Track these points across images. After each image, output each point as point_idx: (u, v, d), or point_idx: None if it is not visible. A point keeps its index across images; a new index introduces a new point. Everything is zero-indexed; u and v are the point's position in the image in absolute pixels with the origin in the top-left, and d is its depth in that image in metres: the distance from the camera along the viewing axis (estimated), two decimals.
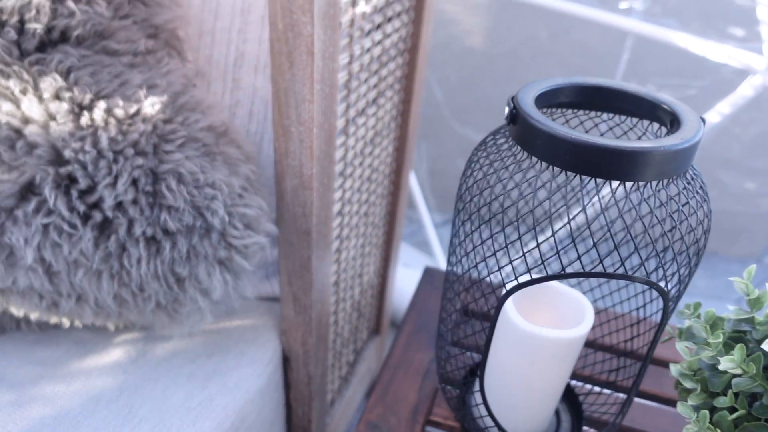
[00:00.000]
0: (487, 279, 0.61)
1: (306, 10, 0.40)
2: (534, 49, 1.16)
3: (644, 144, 0.30)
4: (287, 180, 0.49)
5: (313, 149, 0.47)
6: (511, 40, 1.17)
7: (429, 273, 0.68)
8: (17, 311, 0.51)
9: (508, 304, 0.43)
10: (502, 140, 0.37)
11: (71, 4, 0.45)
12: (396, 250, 0.87)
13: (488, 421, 0.46)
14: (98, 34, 0.46)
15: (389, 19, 0.59)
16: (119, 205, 0.44)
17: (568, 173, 0.32)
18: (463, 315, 0.56)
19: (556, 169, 0.33)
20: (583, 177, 0.32)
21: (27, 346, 0.57)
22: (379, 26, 0.56)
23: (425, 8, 0.66)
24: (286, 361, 0.64)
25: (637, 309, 0.47)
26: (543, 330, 0.41)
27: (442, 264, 1.21)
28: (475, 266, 0.39)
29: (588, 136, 0.30)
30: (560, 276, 0.35)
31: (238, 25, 0.59)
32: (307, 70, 0.43)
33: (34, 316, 0.52)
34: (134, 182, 0.44)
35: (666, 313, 0.36)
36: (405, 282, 1.11)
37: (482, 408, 0.47)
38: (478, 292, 0.57)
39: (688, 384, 0.37)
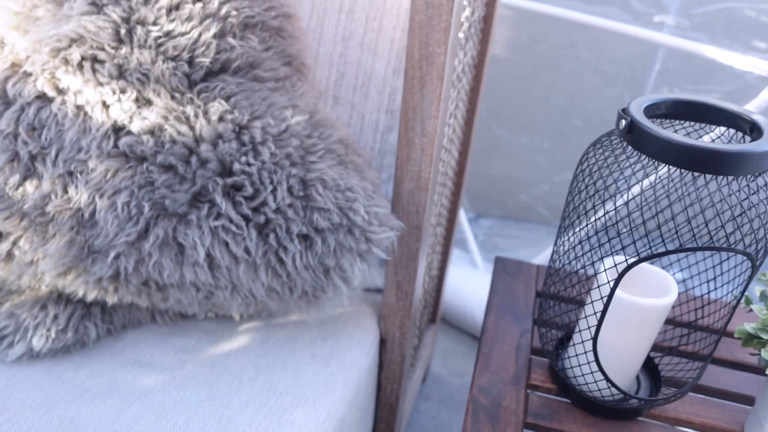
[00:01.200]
0: (582, 270, 0.69)
1: (441, 44, 0.49)
2: (572, 61, 1.27)
3: (744, 147, 0.39)
4: (405, 183, 0.58)
5: (432, 157, 0.56)
6: (548, 51, 1.27)
7: (501, 261, 0.77)
8: (170, 304, 0.59)
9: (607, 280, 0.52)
10: (617, 143, 0.46)
11: (231, 40, 0.53)
12: (452, 247, 0.96)
13: (581, 380, 0.55)
14: (250, 64, 0.54)
15: (466, 40, 0.68)
16: (278, 208, 0.52)
17: (682, 170, 0.41)
18: (557, 299, 0.65)
19: (666, 167, 0.42)
20: (693, 173, 0.41)
21: (164, 337, 0.65)
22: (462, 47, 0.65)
23: (491, 28, 0.75)
24: (381, 343, 0.73)
25: (707, 282, 0.57)
26: (640, 299, 0.50)
27: (477, 258, 1.30)
28: (589, 251, 0.48)
29: (701, 141, 0.39)
30: (666, 253, 0.44)
31: (339, 50, 0.68)
32: (436, 92, 0.52)
33: (183, 308, 0.59)
34: (290, 189, 0.53)
35: (752, 278, 0.45)
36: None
37: (576, 369, 0.56)
38: (575, 278, 0.65)
39: (765, 335, 0.46)
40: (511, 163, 1.41)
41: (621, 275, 0.46)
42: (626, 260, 0.46)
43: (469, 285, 1.22)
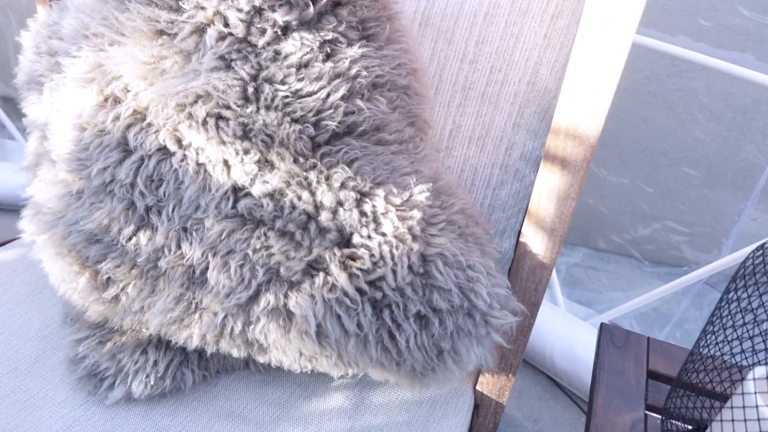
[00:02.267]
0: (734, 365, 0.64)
1: (594, 128, 0.45)
2: (692, 106, 1.18)
3: None
4: (527, 260, 0.54)
5: (563, 238, 0.51)
6: (665, 92, 1.19)
7: (608, 331, 0.72)
8: (269, 361, 0.57)
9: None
10: None
11: (360, 102, 0.50)
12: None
13: None
14: (376, 127, 0.51)
15: None
16: (397, 286, 0.49)
17: None
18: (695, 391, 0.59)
19: None
20: None
21: (257, 387, 0.64)
22: None
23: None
24: (475, 407, 0.69)
25: None
26: None
27: (558, 295, 1.24)
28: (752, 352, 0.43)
29: None
30: None
31: (458, 100, 0.63)
32: (579, 174, 0.47)
33: (280, 363, 0.58)
34: (410, 266, 0.49)
35: None
36: None
37: None
38: (718, 373, 0.59)
39: None
40: (607, 202, 1.33)
41: None
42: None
43: (548, 323, 1.17)
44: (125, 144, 0.52)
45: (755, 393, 0.46)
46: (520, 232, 0.71)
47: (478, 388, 0.67)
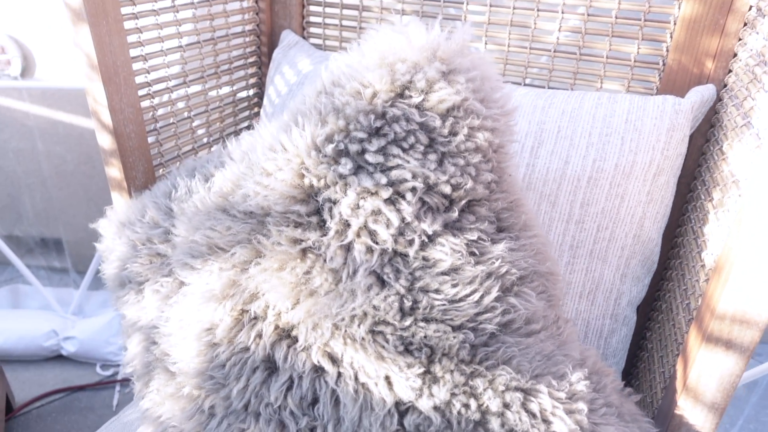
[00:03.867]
0: None
1: (763, 313, 0.45)
2: None
3: None
4: (683, 431, 0.53)
5: (723, 411, 0.51)
6: None
7: None
8: None
9: None
10: None
11: (513, 300, 0.50)
12: None
13: None
14: (527, 320, 0.51)
15: None
16: None
17: None
18: None
19: None
20: None
21: None
22: None
23: None
24: None
25: None
26: None
27: None
28: None
29: None
30: None
31: (566, 259, 0.64)
32: (745, 354, 0.47)
33: None
34: None
35: None
36: None
37: None
38: None
39: None
40: None
41: None
42: None
43: None
44: (268, 362, 0.51)
45: None
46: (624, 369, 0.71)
47: None
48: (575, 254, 0.64)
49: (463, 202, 0.50)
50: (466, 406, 0.48)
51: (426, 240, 0.49)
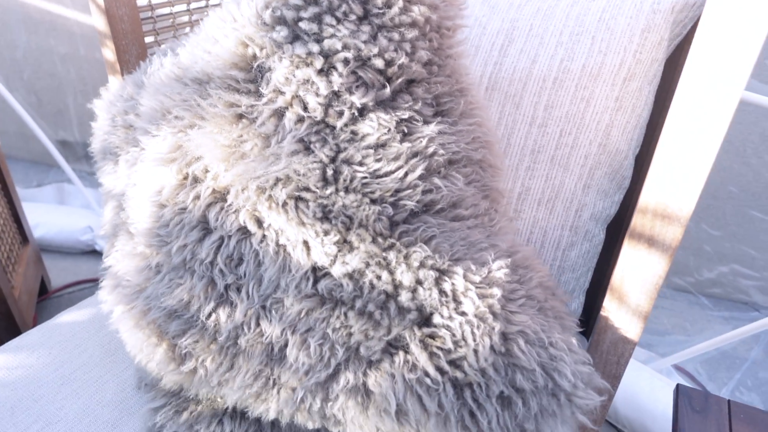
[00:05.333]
0: None
1: (684, 207, 0.43)
2: (757, 146, 1.15)
3: None
4: (609, 333, 0.53)
5: (647, 313, 0.50)
6: (730, 130, 1.16)
7: (685, 393, 0.69)
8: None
9: None
10: None
11: (437, 180, 0.50)
12: None
13: None
14: (452, 204, 0.51)
15: None
16: (479, 366, 0.48)
17: None
18: None
19: None
20: None
21: None
22: None
23: None
24: None
25: None
26: None
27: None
28: None
29: None
30: None
31: (526, 164, 0.63)
32: (667, 253, 0.46)
33: None
34: (492, 346, 0.49)
35: None
36: None
37: None
38: None
39: None
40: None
41: None
42: None
43: None
44: (205, 223, 0.53)
45: None
46: (589, 290, 0.70)
47: None
48: (536, 159, 0.62)
49: (400, 80, 0.50)
50: (379, 277, 0.49)
51: (356, 114, 0.50)
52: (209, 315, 0.53)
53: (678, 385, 0.70)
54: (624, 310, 0.50)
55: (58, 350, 0.72)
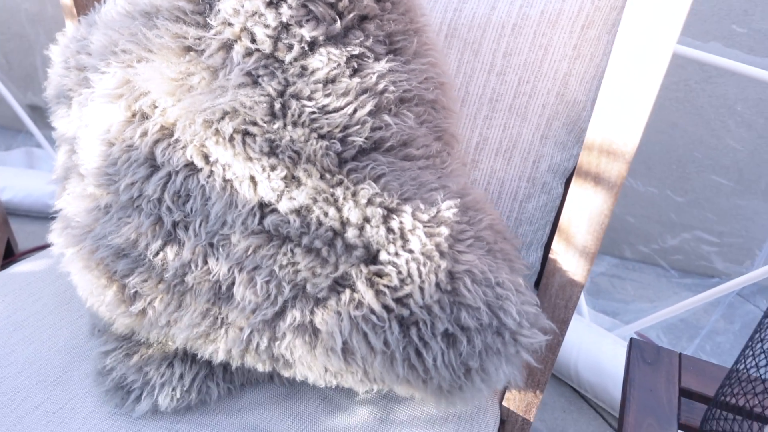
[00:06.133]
0: None
1: (629, 144, 0.43)
2: (726, 115, 1.16)
3: None
4: (557, 276, 0.53)
5: (594, 254, 0.50)
6: (697, 101, 1.17)
7: (637, 346, 0.70)
8: (294, 375, 0.57)
9: None
10: None
11: (387, 117, 0.49)
12: None
13: None
14: (403, 143, 0.51)
15: None
16: (424, 303, 0.49)
17: None
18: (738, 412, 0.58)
19: None
20: None
21: (281, 400, 0.63)
22: None
23: None
24: (501, 423, 0.68)
25: None
26: None
27: (583, 305, 1.22)
28: None
29: None
30: None
31: (484, 112, 0.63)
32: (613, 191, 0.46)
33: (305, 378, 0.57)
34: (438, 283, 0.49)
35: None
36: None
37: None
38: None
39: None
40: (634, 211, 1.31)
41: None
42: None
43: (573, 334, 1.15)
44: (153, 159, 0.52)
45: None
46: (547, 245, 0.70)
47: (504, 404, 0.66)
48: (494, 108, 0.62)
49: (351, 15, 0.49)
50: (326, 213, 0.49)
51: (306, 48, 0.49)
52: (157, 253, 0.53)
53: (631, 339, 0.71)
54: (571, 252, 0.50)
55: (11, 298, 0.71)
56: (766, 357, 0.48)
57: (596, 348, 1.12)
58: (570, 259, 0.51)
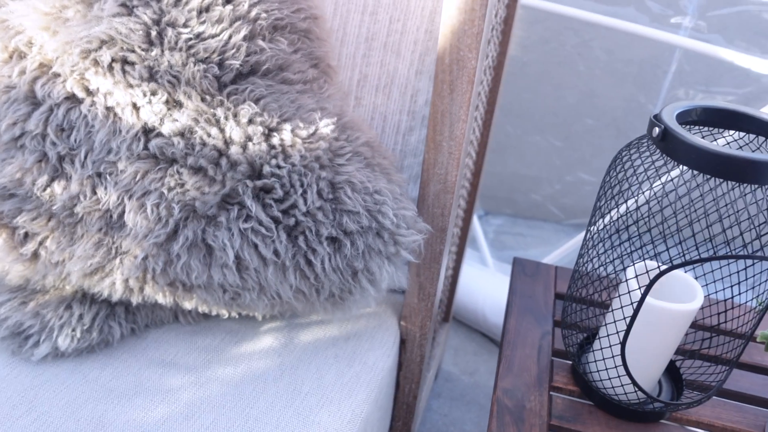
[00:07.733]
0: (614, 274, 0.70)
1: (472, 48, 0.49)
2: (585, 60, 1.27)
3: None
4: (431, 186, 0.58)
5: (460, 160, 0.56)
6: (560, 49, 1.27)
7: (520, 263, 0.77)
8: (195, 304, 0.59)
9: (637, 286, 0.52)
10: (649, 149, 0.46)
11: (261, 43, 0.53)
12: (466, 246, 0.97)
13: (606, 383, 0.56)
14: (279, 67, 0.54)
15: (489, 42, 0.68)
16: (308, 211, 0.53)
17: (716, 179, 0.41)
18: (582, 303, 0.65)
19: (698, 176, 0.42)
20: (724, 181, 0.41)
21: (187, 336, 0.65)
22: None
23: (511, 29, 0.75)
24: (401, 343, 0.73)
25: (731, 287, 0.57)
26: (669, 305, 0.50)
27: (487, 257, 1.30)
28: (620, 258, 0.49)
29: (737, 151, 0.40)
30: (695, 261, 0.44)
31: (362, 51, 0.67)
32: (465, 96, 0.52)
33: (207, 308, 0.60)
34: (319, 192, 0.53)
35: None
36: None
37: (603, 373, 0.56)
38: (599, 283, 0.65)
39: None
40: (522, 162, 1.41)
41: (653, 281, 0.46)
42: (659, 267, 0.46)
43: (479, 283, 1.23)
44: (33, 97, 0.53)
45: (638, 288, 0.52)
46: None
47: (402, 323, 0.71)
48: (370, 46, 0.67)
49: None
50: (209, 134, 0.52)
51: None
52: (44, 188, 0.54)
53: (515, 258, 0.78)
54: (441, 161, 0.56)
55: None
56: (596, 258, 0.55)
57: (500, 294, 1.20)
58: (440, 168, 0.56)
